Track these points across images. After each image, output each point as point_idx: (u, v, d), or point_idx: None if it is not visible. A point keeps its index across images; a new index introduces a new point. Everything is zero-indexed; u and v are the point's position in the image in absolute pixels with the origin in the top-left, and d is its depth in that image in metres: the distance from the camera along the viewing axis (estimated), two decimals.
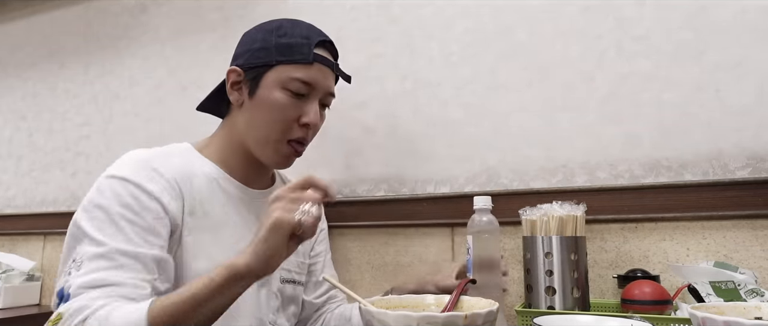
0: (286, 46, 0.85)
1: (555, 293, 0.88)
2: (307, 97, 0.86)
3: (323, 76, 0.87)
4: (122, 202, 0.74)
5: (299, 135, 0.87)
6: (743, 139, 1.01)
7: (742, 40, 1.02)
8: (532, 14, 1.20)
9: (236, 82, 0.88)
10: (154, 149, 0.86)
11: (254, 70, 0.86)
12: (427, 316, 0.57)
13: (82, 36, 1.86)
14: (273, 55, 0.85)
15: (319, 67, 0.86)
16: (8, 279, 1.63)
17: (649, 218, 1.05)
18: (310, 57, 0.85)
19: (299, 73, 0.84)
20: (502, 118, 1.20)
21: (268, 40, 0.86)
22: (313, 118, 0.86)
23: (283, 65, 0.84)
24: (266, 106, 0.84)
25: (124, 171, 0.78)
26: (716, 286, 0.87)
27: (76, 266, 0.70)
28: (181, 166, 0.83)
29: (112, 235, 0.72)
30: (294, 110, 0.85)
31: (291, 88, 0.84)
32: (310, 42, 0.86)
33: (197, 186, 0.83)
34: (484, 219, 0.98)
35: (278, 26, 0.88)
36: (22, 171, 1.89)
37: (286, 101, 0.84)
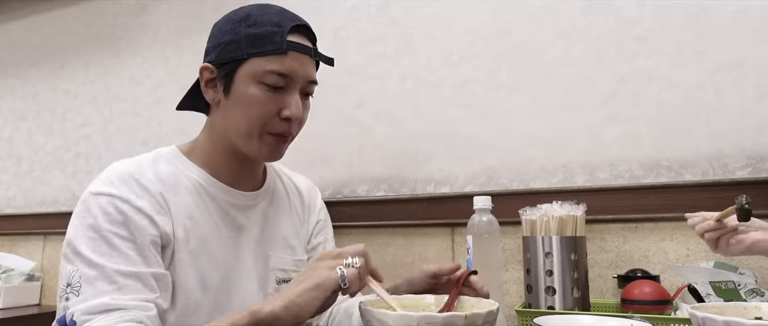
0: (257, 37, 0.79)
1: (555, 293, 0.88)
2: (285, 88, 0.80)
3: (300, 65, 0.80)
4: (113, 220, 0.72)
5: (282, 129, 0.82)
6: (743, 139, 1.01)
7: (742, 40, 1.02)
8: (532, 14, 1.20)
9: (210, 79, 0.83)
10: (139, 158, 0.83)
11: (226, 66, 0.80)
12: (426, 316, 0.57)
13: (82, 36, 1.86)
14: (244, 48, 0.79)
15: (294, 56, 0.80)
16: (8, 279, 1.63)
17: (649, 218, 1.05)
18: (284, 46, 0.78)
19: (274, 64, 0.78)
20: (502, 118, 1.20)
21: (237, 31, 0.80)
22: (295, 110, 0.80)
23: (256, 58, 0.78)
24: (243, 103, 0.79)
25: (110, 188, 0.75)
26: (716, 286, 0.87)
27: (74, 291, 0.68)
28: (167, 177, 0.80)
29: (108, 256, 0.69)
30: (273, 104, 0.80)
31: (267, 81, 0.78)
32: (283, 29, 0.79)
33: (183, 198, 0.80)
34: (484, 219, 0.98)
35: (246, 15, 0.81)
36: (22, 172, 1.89)
37: (263, 96, 0.79)
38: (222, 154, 0.85)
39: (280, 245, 0.92)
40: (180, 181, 0.81)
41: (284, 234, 0.93)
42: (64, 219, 1.87)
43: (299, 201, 1.00)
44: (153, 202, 0.76)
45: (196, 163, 0.85)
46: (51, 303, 1.72)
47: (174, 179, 0.81)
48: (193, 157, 0.86)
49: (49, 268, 1.75)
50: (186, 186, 0.81)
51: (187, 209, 0.80)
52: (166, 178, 0.80)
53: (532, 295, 0.91)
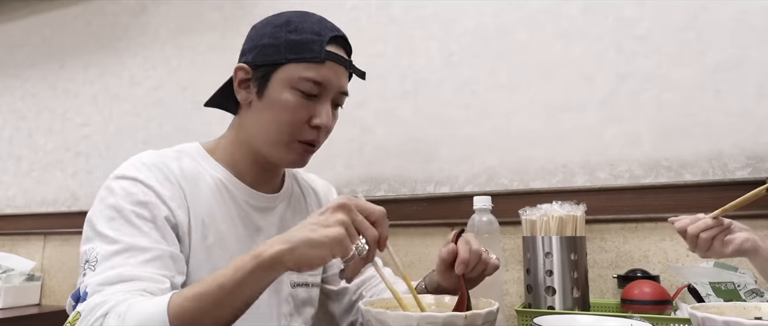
0: (296, 44, 0.80)
1: (555, 293, 0.88)
2: (318, 97, 0.81)
3: (335, 75, 0.81)
4: (135, 200, 0.73)
5: (310, 137, 0.82)
6: (743, 139, 1.01)
7: (742, 40, 1.02)
8: (532, 14, 1.20)
9: (244, 80, 0.84)
10: (163, 151, 0.83)
11: (262, 69, 0.81)
12: (427, 316, 0.57)
13: (82, 36, 1.86)
14: (282, 53, 0.80)
15: (331, 66, 0.81)
16: (8, 279, 1.63)
17: (649, 218, 1.05)
18: (322, 55, 0.79)
19: (310, 72, 0.79)
20: (502, 118, 1.20)
21: (276, 35, 0.81)
22: (325, 119, 0.81)
23: (293, 64, 0.79)
24: (276, 107, 0.80)
25: (134, 172, 0.76)
26: (716, 286, 0.87)
27: (91, 266, 0.68)
28: (190, 172, 0.81)
29: (128, 232, 0.70)
30: (305, 111, 0.80)
31: (301, 88, 0.79)
32: (322, 38, 0.80)
33: (204, 193, 0.81)
34: (484, 219, 0.98)
35: (287, 21, 0.83)
36: (22, 172, 1.89)
37: (296, 102, 0.80)
38: (246, 155, 0.85)
39: None
40: (202, 178, 0.82)
41: None
42: (64, 219, 1.87)
43: (316, 204, 1.00)
44: (174, 193, 0.76)
45: (219, 161, 0.85)
46: (51, 303, 1.72)
47: (196, 175, 0.81)
48: (216, 156, 0.86)
49: (49, 268, 1.76)
50: (207, 183, 0.82)
51: (207, 205, 0.80)
52: (188, 173, 0.80)
53: (532, 295, 0.91)
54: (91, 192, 1.72)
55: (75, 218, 1.71)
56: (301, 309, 0.93)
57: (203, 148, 0.87)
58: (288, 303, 0.90)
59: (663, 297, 0.87)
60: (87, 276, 0.67)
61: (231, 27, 1.57)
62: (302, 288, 0.93)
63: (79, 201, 1.74)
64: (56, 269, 1.74)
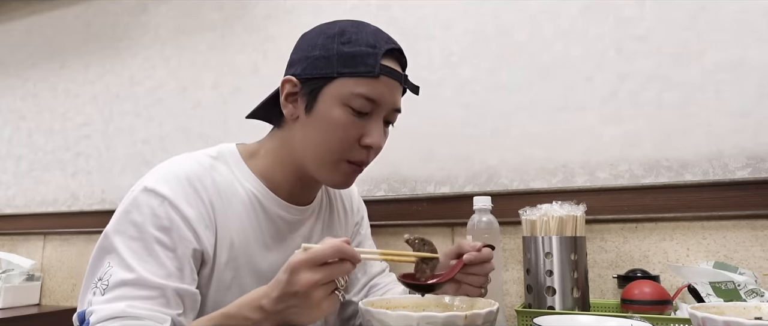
0: (350, 56, 0.74)
1: (555, 293, 0.88)
2: (370, 114, 0.76)
3: (390, 91, 0.76)
4: (159, 225, 0.70)
5: (360, 157, 0.77)
6: (743, 139, 1.01)
7: (742, 40, 1.02)
8: (532, 15, 1.20)
9: (291, 93, 0.78)
10: (199, 159, 0.78)
11: (312, 82, 0.75)
12: (426, 316, 0.57)
13: (82, 36, 1.86)
14: (334, 66, 0.74)
15: (385, 81, 0.75)
16: (8, 279, 1.63)
17: (649, 218, 1.05)
18: (377, 69, 0.73)
19: (363, 87, 0.73)
20: (502, 118, 1.20)
21: (329, 47, 0.75)
22: (377, 139, 0.76)
23: (346, 78, 0.74)
24: (325, 125, 0.75)
25: (165, 188, 0.72)
26: (716, 286, 0.87)
27: (102, 288, 0.67)
28: (222, 185, 0.77)
29: (144, 261, 0.68)
30: (355, 129, 0.75)
31: (353, 104, 0.74)
32: (377, 51, 0.74)
33: (235, 209, 0.77)
34: (484, 220, 0.98)
35: (341, 31, 0.76)
36: (22, 172, 1.89)
37: (347, 119, 0.74)
38: (285, 170, 0.81)
39: None
40: (235, 191, 0.78)
41: None
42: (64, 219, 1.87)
43: (343, 209, 0.98)
44: (202, 214, 0.73)
45: (255, 170, 0.82)
46: (51, 303, 1.72)
47: (229, 189, 0.78)
48: (253, 164, 0.82)
49: (49, 268, 1.75)
50: (240, 198, 0.78)
51: (237, 222, 0.77)
52: (221, 188, 0.77)
53: (532, 295, 0.91)
54: (91, 192, 1.72)
55: (75, 218, 1.71)
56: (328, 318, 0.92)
57: (239, 154, 0.83)
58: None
59: (663, 297, 0.86)
60: (95, 298, 0.67)
61: (231, 27, 1.57)
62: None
63: (78, 201, 1.74)
64: (56, 269, 1.74)
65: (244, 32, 1.54)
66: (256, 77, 1.50)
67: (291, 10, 1.48)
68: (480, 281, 0.78)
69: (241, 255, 0.77)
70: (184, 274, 0.70)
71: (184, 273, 0.71)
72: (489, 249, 0.78)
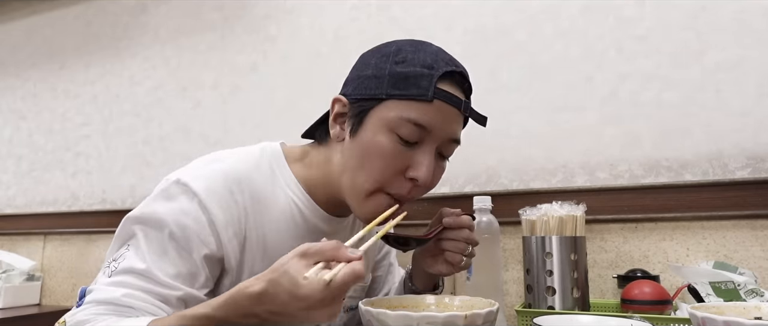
0: (402, 77, 0.67)
1: (555, 293, 0.88)
2: (420, 143, 0.69)
3: (445, 119, 0.69)
4: (181, 223, 0.66)
5: (402, 191, 0.70)
6: (743, 139, 1.01)
7: (742, 40, 1.02)
8: (532, 14, 1.20)
9: (340, 113, 0.72)
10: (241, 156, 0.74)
11: (360, 104, 0.69)
12: (427, 316, 0.57)
13: (82, 36, 1.86)
14: (384, 87, 0.67)
15: (441, 106, 0.68)
16: (8, 279, 1.63)
17: (649, 218, 1.05)
18: (430, 93, 0.66)
19: (413, 112, 0.66)
20: (502, 118, 1.20)
21: (381, 66, 0.69)
22: (425, 174, 0.68)
23: (395, 100, 0.67)
24: (368, 150, 0.68)
25: (198, 185, 0.68)
26: (716, 286, 0.87)
27: (113, 269, 0.66)
28: (261, 190, 0.73)
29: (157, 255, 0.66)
30: (401, 160, 0.68)
31: (401, 132, 0.67)
32: (433, 72, 0.67)
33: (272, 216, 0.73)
34: (483, 220, 0.98)
35: (397, 50, 0.70)
36: (22, 171, 1.89)
37: (392, 147, 0.67)
38: (326, 187, 0.76)
39: None
40: (274, 197, 0.74)
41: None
42: (64, 219, 1.87)
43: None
44: (232, 220, 0.69)
45: (298, 177, 0.77)
46: (51, 303, 1.72)
47: (268, 193, 0.73)
48: (297, 169, 0.77)
49: (49, 268, 1.76)
50: (279, 205, 0.74)
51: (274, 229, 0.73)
52: (260, 191, 0.72)
53: (532, 295, 0.91)
54: (91, 192, 1.72)
55: (75, 218, 1.71)
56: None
57: (284, 156, 0.78)
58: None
59: (663, 297, 0.86)
60: (102, 278, 0.66)
61: (231, 27, 1.57)
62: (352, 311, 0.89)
63: (78, 201, 1.74)
64: (56, 269, 1.74)
65: (244, 32, 1.54)
66: (256, 77, 1.50)
67: (291, 10, 1.48)
68: (459, 247, 0.76)
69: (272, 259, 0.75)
70: (195, 279, 0.68)
71: (196, 278, 0.68)
72: (468, 217, 0.77)
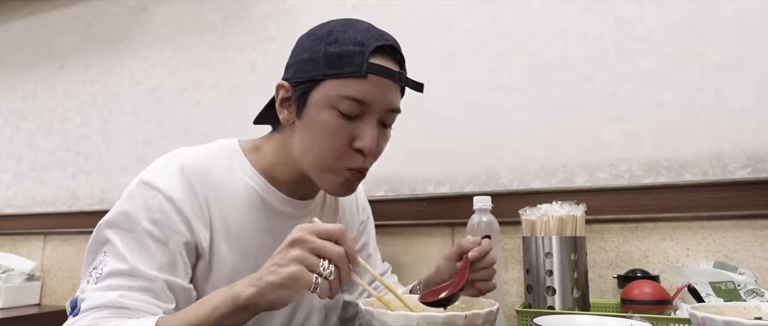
0: (336, 57, 0.71)
1: (555, 293, 0.88)
2: (361, 116, 0.73)
3: (381, 91, 0.73)
4: (151, 218, 0.70)
5: (357, 164, 0.75)
6: (743, 139, 1.01)
7: (742, 40, 1.02)
8: (532, 14, 1.20)
9: (285, 98, 0.77)
10: (198, 152, 0.78)
11: (301, 86, 0.74)
12: (427, 316, 0.57)
13: (82, 36, 1.86)
14: (321, 68, 0.72)
15: (375, 80, 0.72)
16: (8, 279, 1.63)
17: (649, 218, 1.05)
18: (364, 69, 0.70)
19: (350, 89, 0.71)
20: (502, 118, 1.20)
21: (316, 48, 0.73)
22: (369, 143, 0.73)
23: (332, 80, 0.71)
24: (315, 130, 0.73)
25: (159, 181, 0.72)
26: (716, 286, 0.87)
27: (96, 276, 0.68)
28: (221, 179, 0.76)
29: (136, 253, 0.68)
30: (345, 133, 0.73)
31: (341, 107, 0.71)
32: (365, 49, 0.71)
33: (234, 204, 0.77)
34: (484, 220, 0.98)
35: (329, 31, 0.74)
36: (22, 171, 1.89)
37: (335, 123, 0.72)
38: (287, 168, 0.80)
39: None
40: (234, 187, 0.77)
41: None
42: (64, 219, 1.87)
43: (348, 206, 0.98)
44: (195, 209, 0.73)
45: (256, 166, 0.81)
46: (51, 303, 1.72)
47: (228, 183, 0.77)
48: (254, 159, 0.81)
49: (49, 268, 1.75)
50: (239, 193, 0.77)
51: (236, 217, 0.77)
52: (219, 182, 0.76)
53: (532, 295, 0.91)
54: (91, 192, 1.72)
55: (75, 218, 1.71)
56: (331, 314, 0.92)
57: (241, 149, 0.82)
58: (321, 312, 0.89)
59: (663, 297, 0.86)
60: (89, 286, 0.67)
61: (231, 27, 1.57)
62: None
63: (79, 201, 1.74)
64: (56, 269, 1.74)
65: (243, 32, 1.54)
66: (256, 77, 1.50)
67: (290, 10, 1.48)
68: (489, 274, 0.79)
69: (238, 247, 0.77)
70: (176, 268, 0.70)
71: (177, 267, 0.71)
72: (488, 240, 0.79)
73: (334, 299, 0.93)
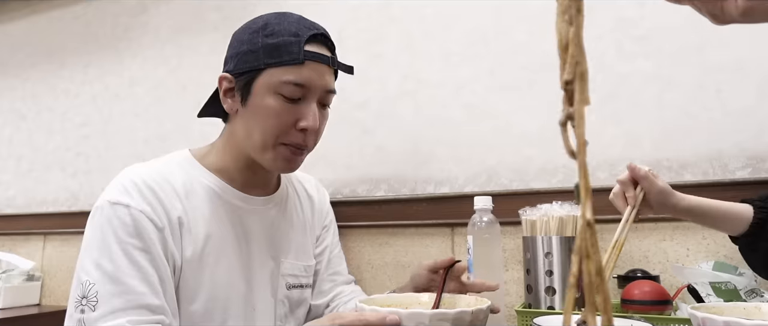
0: (274, 47, 0.78)
1: (555, 293, 0.88)
2: (303, 99, 0.80)
3: (318, 75, 0.80)
4: (130, 232, 0.73)
5: (297, 140, 0.81)
6: (743, 139, 1.01)
7: (742, 40, 1.02)
8: (532, 14, 1.20)
9: (229, 89, 0.83)
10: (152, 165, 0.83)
11: (244, 76, 0.80)
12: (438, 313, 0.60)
13: (82, 36, 1.86)
14: (261, 58, 0.79)
15: (312, 66, 0.79)
16: (8, 279, 1.63)
17: (649, 218, 1.05)
18: (301, 56, 0.78)
19: (290, 75, 0.78)
20: (502, 118, 1.20)
21: (254, 41, 0.80)
22: (312, 122, 0.80)
23: (273, 68, 0.78)
24: (260, 114, 0.79)
25: (126, 197, 0.75)
26: (716, 287, 0.87)
27: (90, 306, 0.69)
28: (180, 186, 0.81)
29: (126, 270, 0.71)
30: (290, 115, 0.79)
31: (284, 92, 0.78)
32: (300, 39, 0.79)
33: (195, 203, 0.81)
34: (484, 220, 0.98)
35: (264, 24, 0.81)
36: (22, 171, 1.89)
37: (280, 106, 0.79)
38: (238, 162, 0.85)
39: (291, 251, 0.93)
40: (193, 188, 0.82)
41: (294, 240, 0.94)
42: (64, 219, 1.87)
43: (309, 207, 1.01)
44: (164, 212, 0.76)
45: (209, 168, 0.85)
46: (51, 303, 1.72)
47: (187, 187, 0.81)
48: (206, 162, 0.86)
49: (49, 268, 1.76)
50: (199, 194, 0.82)
51: (200, 215, 0.81)
52: (178, 186, 0.80)
53: (532, 295, 0.91)
54: (91, 192, 1.72)
55: (75, 218, 1.71)
56: (296, 310, 0.94)
57: (192, 156, 0.87)
58: (284, 305, 0.91)
59: (663, 297, 0.86)
60: (87, 315, 0.68)
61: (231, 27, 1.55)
62: (297, 289, 0.94)
63: (79, 202, 1.74)
64: (56, 269, 1.74)
65: None
66: None
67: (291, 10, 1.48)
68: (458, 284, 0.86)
69: (207, 252, 0.80)
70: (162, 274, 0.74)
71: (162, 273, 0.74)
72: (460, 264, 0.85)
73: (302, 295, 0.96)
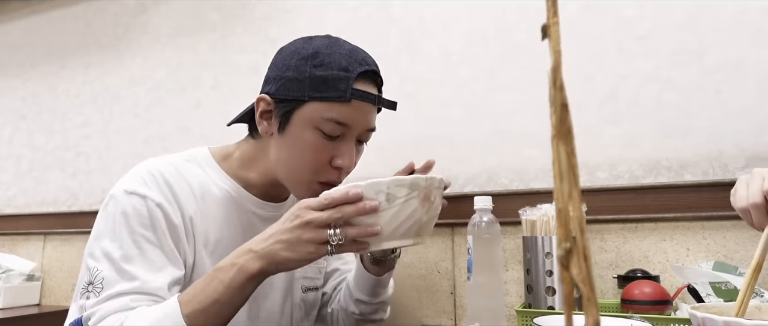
0: (322, 80, 0.74)
1: (555, 293, 0.88)
2: (342, 137, 0.77)
3: (361, 114, 0.77)
4: (144, 223, 0.72)
5: (332, 178, 0.78)
6: (743, 139, 1.01)
7: (742, 40, 1.02)
8: (532, 14, 1.20)
9: (266, 111, 0.79)
10: (171, 160, 0.80)
11: (285, 104, 0.76)
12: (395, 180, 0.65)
13: (82, 36, 1.86)
14: (306, 90, 0.74)
15: (357, 104, 0.75)
16: (8, 279, 1.63)
17: (649, 218, 1.05)
18: (348, 95, 0.73)
19: (333, 112, 0.74)
20: (502, 118, 1.20)
21: (302, 69, 0.75)
22: (348, 161, 0.77)
23: (317, 102, 0.74)
24: (297, 146, 0.76)
25: (144, 188, 0.74)
26: (716, 287, 0.87)
27: (96, 291, 0.68)
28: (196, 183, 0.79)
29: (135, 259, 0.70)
30: (326, 152, 0.76)
31: (324, 128, 0.75)
32: (349, 75, 0.74)
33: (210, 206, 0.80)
34: (484, 220, 0.98)
35: (314, 53, 0.76)
36: (22, 171, 1.89)
37: (318, 143, 0.75)
38: (263, 178, 0.83)
39: None
40: (210, 190, 0.80)
41: None
42: (64, 219, 1.87)
43: None
44: (179, 209, 0.76)
45: (229, 172, 0.83)
46: (51, 303, 1.72)
47: (204, 188, 0.80)
48: (227, 167, 0.84)
49: (49, 268, 1.75)
50: (215, 196, 0.80)
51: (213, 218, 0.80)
52: (195, 186, 0.79)
53: (532, 295, 0.91)
54: (91, 192, 1.72)
55: (75, 218, 1.71)
56: (310, 311, 0.94)
57: (212, 156, 0.85)
58: (300, 309, 0.91)
59: (663, 297, 0.86)
60: (90, 301, 0.68)
61: (231, 27, 1.57)
62: (312, 292, 0.94)
63: (79, 201, 1.74)
64: (56, 269, 1.74)
65: (244, 33, 1.54)
66: (256, 77, 1.49)
67: (291, 10, 1.48)
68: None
69: (216, 246, 0.80)
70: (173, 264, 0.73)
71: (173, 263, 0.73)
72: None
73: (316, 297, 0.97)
